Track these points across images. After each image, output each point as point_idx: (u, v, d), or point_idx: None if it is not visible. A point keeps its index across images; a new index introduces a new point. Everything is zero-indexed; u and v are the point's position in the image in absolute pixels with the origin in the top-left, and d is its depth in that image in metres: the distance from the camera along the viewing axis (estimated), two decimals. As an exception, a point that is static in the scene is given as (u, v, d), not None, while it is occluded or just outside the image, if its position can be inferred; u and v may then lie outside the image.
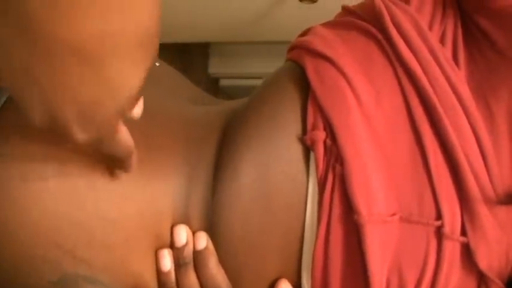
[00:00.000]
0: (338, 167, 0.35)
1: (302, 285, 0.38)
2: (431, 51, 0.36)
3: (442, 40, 0.37)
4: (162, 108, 0.41)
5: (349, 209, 0.34)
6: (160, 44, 0.28)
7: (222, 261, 0.38)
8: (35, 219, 0.34)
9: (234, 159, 0.37)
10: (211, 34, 2.53)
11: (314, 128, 0.36)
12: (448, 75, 0.35)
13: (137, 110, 0.30)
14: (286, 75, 0.40)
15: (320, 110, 0.36)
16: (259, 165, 0.37)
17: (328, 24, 0.42)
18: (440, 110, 0.34)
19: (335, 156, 0.35)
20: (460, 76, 0.35)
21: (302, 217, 0.36)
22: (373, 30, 0.38)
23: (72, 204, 0.34)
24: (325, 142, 0.36)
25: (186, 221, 0.38)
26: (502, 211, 0.33)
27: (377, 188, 0.34)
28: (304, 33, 0.43)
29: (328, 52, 0.38)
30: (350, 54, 0.37)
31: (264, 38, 2.52)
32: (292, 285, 0.38)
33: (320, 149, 0.36)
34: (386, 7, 0.38)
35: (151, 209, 0.37)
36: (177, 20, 2.26)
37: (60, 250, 0.35)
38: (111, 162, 0.34)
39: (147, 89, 0.45)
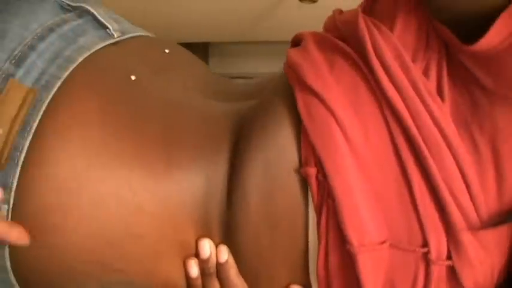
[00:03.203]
0: (331, 202, 0.37)
1: (311, 284, 0.41)
2: (414, 86, 0.36)
3: (425, 72, 0.38)
4: (180, 105, 0.44)
5: (343, 237, 0.37)
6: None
7: (240, 271, 0.42)
8: (79, 239, 0.38)
9: (243, 183, 0.41)
10: (211, 34, 2.53)
11: (307, 163, 0.39)
12: (430, 110, 0.36)
13: None
14: (284, 97, 0.42)
15: (311, 147, 0.39)
16: (265, 190, 0.40)
17: (319, 42, 0.43)
18: (423, 147, 0.35)
19: (327, 191, 0.38)
20: (443, 109, 0.36)
21: (305, 236, 0.39)
22: (357, 58, 0.39)
23: (105, 225, 0.38)
24: (317, 177, 0.38)
25: (207, 232, 0.42)
26: (487, 234, 0.35)
27: (367, 218, 0.37)
28: (298, 40, 0.45)
29: (318, 86, 0.39)
30: (337, 87, 0.39)
31: (264, 38, 2.53)
32: (303, 285, 0.41)
33: (314, 183, 0.38)
34: (369, 33, 0.39)
35: (172, 221, 0.40)
36: (177, 20, 2.26)
37: (98, 264, 0.39)
38: None
39: (166, 81, 0.45)
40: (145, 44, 0.47)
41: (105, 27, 0.44)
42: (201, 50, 2.64)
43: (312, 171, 0.38)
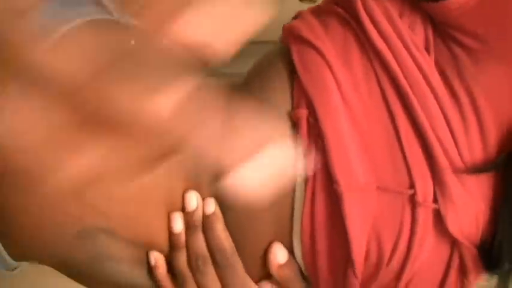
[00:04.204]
0: (320, 142, 0.39)
1: (294, 250, 0.41)
2: (401, 38, 0.39)
3: (412, 27, 0.40)
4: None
5: (330, 179, 0.38)
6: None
7: (226, 227, 0.42)
8: (59, 176, 0.38)
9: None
10: (211, 34, 2.52)
11: (298, 106, 0.40)
12: (416, 60, 0.38)
13: None
14: (277, 56, 0.44)
15: (303, 91, 0.40)
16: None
17: (315, 11, 0.45)
18: (410, 94, 0.37)
19: (317, 132, 0.39)
20: (428, 60, 0.38)
21: (292, 189, 0.40)
22: (348, 17, 0.41)
23: (93, 162, 0.39)
24: (308, 119, 0.39)
25: (196, 189, 0.42)
26: (470, 180, 0.37)
27: (355, 161, 0.38)
28: (296, 17, 0.47)
29: (313, 39, 0.41)
30: (331, 43, 0.41)
31: (264, 38, 2.52)
32: (286, 247, 0.41)
33: (304, 125, 0.39)
34: None
35: (164, 175, 0.41)
36: (177, 20, 2.25)
37: (81, 203, 0.39)
38: None
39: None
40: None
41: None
42: (201, 50, 2.62)
43: (303, 112, 0.40)
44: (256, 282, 0.43)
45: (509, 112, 0.37)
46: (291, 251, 0.42)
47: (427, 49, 0.39)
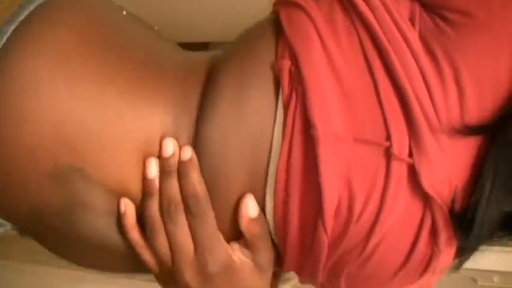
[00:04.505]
0: (300, 88, 0.39)
1: (266, 206, 0.42)
2: (384, 4, 0.40)
3: (397, 1, 0.41)
4: (157, 47, 0.47)
5: (308, 129, 0.39)
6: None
7: (202, 175, 0.42)
8: (42, 108, 0.40)
9: (218, 78, 0.42)
10: (211, 34, 2.53)
11: (282, 57, 0.41)
12: (398, 23, 0.39)
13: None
14: (266, 22, 0.46)
15: (288, 43, 0.41)
16: (238, 85, 0.42)
17: None
18: (390, 51, 0.39)
19: (298, 80, 0.40)
20: (410, 27, 0.40)
21: (270, 139, 0.41)
22: None
23: (77, 104, 0.40)
24: (290, 69, 0.40)
25: (174, 137, 0.42)
26: (445, 137, 0.38)
27: (333, 109, 0.39)
28: None
29: (302, 2, 0.43)
30: (316, 6, 0.42)
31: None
32: (258, 202, 0.42)
33: (286, 75, 0.40)
34: None
35: (141, 128, 0.42)
36: (177, 20, 2.26)
37: (58, 139, 0.40)
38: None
39: (144, 28, 0.46)
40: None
41: None
42: (201, 50, 2.63)
43: (286, 63, 0.41)
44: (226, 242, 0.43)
45: (491, 84, 0.38)
46: (262, 208, 0.42)
47: (411, 20, 0.40)
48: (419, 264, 0.41)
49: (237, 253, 0.43)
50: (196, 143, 0.42)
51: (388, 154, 0.38)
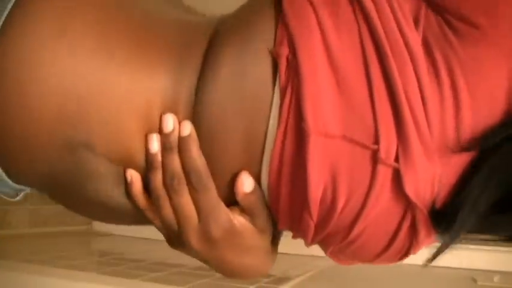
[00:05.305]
0: (296, 80, 0.39)
1: (261, 177, 0.43)
2: (389, 2, 0.40)
3: (405, 1, 0.41)
4: (159, 13, 0.47)
5: (301, 118, 0.39)
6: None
7: (202, 149, 0.43)
8: (44, 90, 0.41)
9: (217, 62, 0.42)
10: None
11: (280, 43, 0.41)
12: (400, 23, 0.39)
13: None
14: (266, 4, 0.45)
15: (287, 29, 0.41)
16: (238, 67, 0.42)
17: None
18: (389, 53, 0.38)
19: (295, 70, 0.39)
20: (412, 28, 0.39)
21: (266, 120, 0.41)
22: None
23: (78, 79, 0.41)
24: (288, 57, 0.40)
25: (173, 112, 0.43)
26: (433, 148, 0.38)
27: (326, 105, 0.39)
28: None
29: None
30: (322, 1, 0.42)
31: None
32: (254, 177, 0.43)
33: (283, 62, 0.40)
34: None
35: (141, 96, 0.42)
36: None
37: (64, 115, 0.41)
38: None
39: None
40: None
41: None
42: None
43: (284, 50, 0.40)
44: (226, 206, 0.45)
45: (486, 100, 0.38)
46: (258, 179, 0.43)
47: (415, 20, 0.40)
48: (400, 251, 0.43)
49: (237, 217, 0.45)
50: (195, 107, 0.43)
51: (375, 157, 0.38)
